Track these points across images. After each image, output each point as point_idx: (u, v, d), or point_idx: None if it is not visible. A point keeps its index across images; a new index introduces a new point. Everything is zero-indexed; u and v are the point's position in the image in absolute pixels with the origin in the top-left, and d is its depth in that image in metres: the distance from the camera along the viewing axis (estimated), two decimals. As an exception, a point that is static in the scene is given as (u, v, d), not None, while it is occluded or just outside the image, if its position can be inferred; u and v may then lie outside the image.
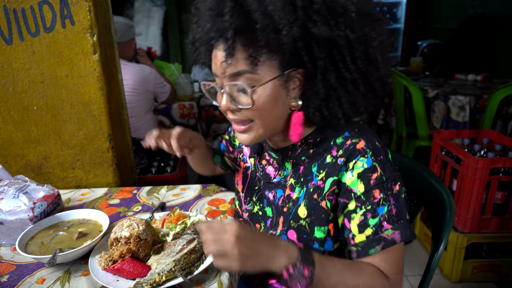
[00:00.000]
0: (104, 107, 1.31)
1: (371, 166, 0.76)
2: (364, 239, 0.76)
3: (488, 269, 2.07)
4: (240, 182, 1.05)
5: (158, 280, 0.78)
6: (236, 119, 0.80)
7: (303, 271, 0.69)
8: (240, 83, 0.75)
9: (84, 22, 1.21)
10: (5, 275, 0.86)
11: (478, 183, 1.89)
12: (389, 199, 0.76)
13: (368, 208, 0.76)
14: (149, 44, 4.69)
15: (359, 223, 0.77)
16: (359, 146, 0.78)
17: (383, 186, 0.75)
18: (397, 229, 0.75)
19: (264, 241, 0.70)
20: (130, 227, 0.90)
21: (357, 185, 0.77)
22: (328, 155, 0.82)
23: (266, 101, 0.76)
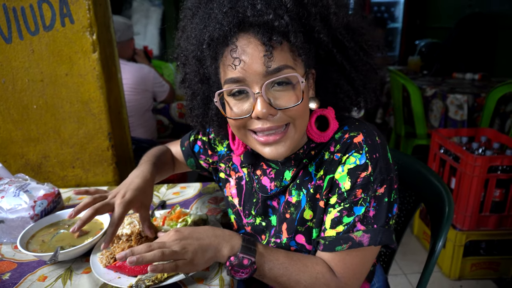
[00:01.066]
0: (104, 105, 1.31)
1: (363, 163, 0.73)
2: (333, 235, 0.75)
3: (487, 266, 2.09)
4: (235, 195, 0.96)
5: (159, 277, 0.78)
6: (272, 127, 0.71)
7: (242, 260, 0.72)
8: (290, 75, 0.68)
9: (84, 20, 1.21)
10: (7, 272, 0.86)
11: (477, 181, 1.90)
12: (370, 200, 0.73)
13: (346, 206, 0.74)
14: (147, 43, 4.69)
15: (333, 219, 0.76)
16: (356, 140, 0.75)
17: (368, 187, 0.73)
18: (368, 232, 0.73)
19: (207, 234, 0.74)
20: (131, 224, 0.90)
21: (344, 181, 0.75)
22: (326, 152, 0.79)
23: (306, 98, 0.72)
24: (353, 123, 0.79)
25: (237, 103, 0.72)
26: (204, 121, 0.87)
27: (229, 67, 0.69)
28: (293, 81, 0.69)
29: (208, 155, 1.04)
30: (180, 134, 2.92)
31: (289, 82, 0.69)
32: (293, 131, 0.73)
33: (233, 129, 0.78)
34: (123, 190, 0.87)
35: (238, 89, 0.70)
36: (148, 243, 0.71)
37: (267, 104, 0.68)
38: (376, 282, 0.97)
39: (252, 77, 0.68)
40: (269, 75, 0.67)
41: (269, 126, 0.71)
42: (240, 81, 0.69)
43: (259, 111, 0.68)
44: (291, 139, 0.74)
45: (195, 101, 0.85)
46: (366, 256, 0.76)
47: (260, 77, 0.67)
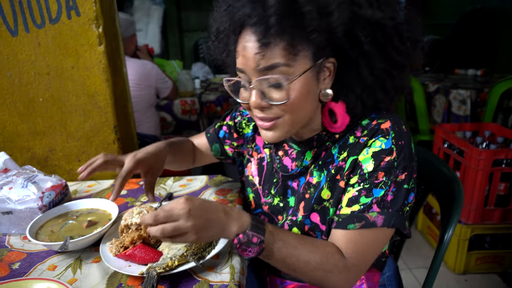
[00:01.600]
0: (110, 98, 1.31)
1: (388, 148, 0.74)
2: (348, 213, 0.76)
3: (492, 260, 2.09)
4: (255, 174, 1.00)
5: (170, 264, 0.78)
6: (264, 117, 0.75)
7: (252, 238, 0.71)
8: (276, 77, 0.69)
9: (90, 13, 1.21)
10: (17, 262, 0.86)
11: (481, 175, 1.90)
12: (390, 184, 0.74)
13: (365, 187, 0.75)
14: (148, 42, 4.69)
15: (351, 197, 0.77)
16: (383, 126, 0.76)
17: (390, 171, 0.74)
18: (383, 214, 0.74)
19: (215, 210, 0.72)
20: (140, 213, 0.90)
21: (367, 163, 0.76)
22: (351, 136, 0.80)
23: (300, 95, 0.71)
24: (380, 112, 0.80)
25: (243, 90, 0.78)
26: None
27: (237, 55, 0.75)
28: (282, 81, 0.70)
29: (233, 139, 1.09)
30: (183, 131, 2.92)
31: (277, 83, 0.71)
32: (284, 123, 0.76)
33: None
34: (134, 152, 0.96)
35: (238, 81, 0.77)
36: (155, 212, 0.70)
37: (259, 97, 0.73)
38: (387, 271, 0.98)
39: (249, 70, 0.72)
40: (261, 71, 0.70)
41: (262, 116, 0.75)
42: (242, 71, 0.74)
43: (252, 102, 0.73)
44: (282, 129, 0.77)
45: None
46: (377, 239, 0.76)
47: (254, 72, 0.71)
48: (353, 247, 0.75)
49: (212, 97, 2.90)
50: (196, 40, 5.07)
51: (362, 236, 0.75)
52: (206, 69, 3.89)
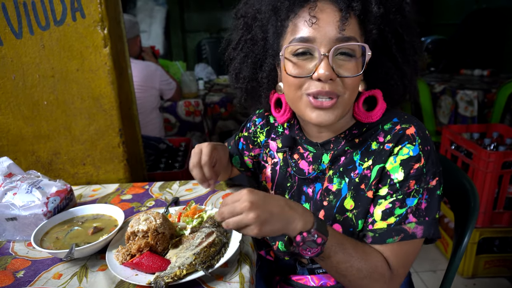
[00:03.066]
0: (115, 101, 1.29)
1: (416, 154, 0.73)
2: (384, 227, 0.75)
3: (501, 264, 2.05)
4: (268, 180, 0.99)
5: (178, 274, 0.76)
6: (327, 91, 0.72)
7: (316, 238, 0.68)
8: (354, 45, 0.71)
9: (95, 14, 1.19)
10: (21, 270, 0.85)
11: (490, 177, 1.87)
12: (423, 192, 0.73)
13: (399, 198, 0.74)
14: (151, 43, 4.68)
15: (385, 210, 0.75)
16: (409, 132, 0.75)
17: (421, 178, 0.73)
18: (421, 224, 0.73)
19: (279, 204, 0.69)
20: (147, 220, 0.88)
21: (396, 172, 0.74)
22: (374, 142, 0.79)
23: (360, 74, 0.74)
24: (401, 115, 0.79)
25: (300, 63, 0.74)
26: (249, 84, 0.88)
27: (303, 24, 0.71)
28: (357, 54, 0.72)
29: (250, 149, 1.08)
30: (187, 132, 2.91)
31: (353, 54, 0.72)
32: (342, 102, 0.74)
33: (289, 89, 0.78)
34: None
35: (304, 49, 0.72)
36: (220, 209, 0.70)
37: (330, 68, 0.70)
38: None
39: (323, 38, 0.70)
40: (339, 41, 0.70)
41: (327, 90, 0.72)
42: (309, 41, 0.71)
43: (322, 73, 0.70)
44: (339, 109, 0.75)
45: (245, 64, 0.87)
46: (415, 248, 0.75)
47: (331, 40, 0.70)
48: (395, 259, 0.75)
49: (216, 98, 2.89)
50: (199, 41, 5.06)
51: (401, 247, 0.74)
52: (209, 70, 3.87)
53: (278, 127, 1.01)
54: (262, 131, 1.05)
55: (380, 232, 0.75)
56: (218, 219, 0.71)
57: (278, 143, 0.98)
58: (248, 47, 0.85)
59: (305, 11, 0.71)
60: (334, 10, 0.69)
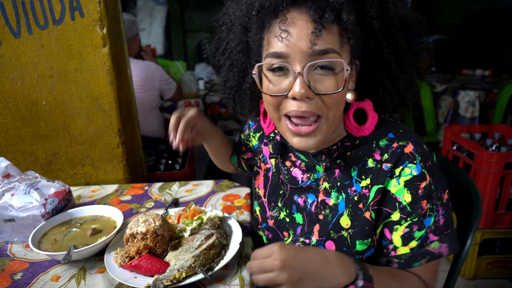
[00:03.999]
0: (114, 101, 1.28)
1: (420, 173, 0.70)
2: (407, 252, 0.73)
3: (502, 265, 2.04)
4: (261, 186, 0.97)
5: (178, 277, 0.75)
6: (306, 112, 0.67)
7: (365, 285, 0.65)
8: (332, 60, 0.64)
9: (94, 14, 1.18)
10: (19, 272, 0.84)
11: (492, 178, 1.85)
12: (438, 209, 0.71)
13: (414, 220, 0.71)
14: (151, 42, 4.67)
15: (403, 235, 0.72)
16: (407, 150, 0.71)
17: (431, 196, 0.70)
18: (444, 241, 0.72)
19: (313, 259, 0.65)
20: (146, 222, 0.87)
21: (403, 194, 0.71)
22: (370, 159, 0.75)
23: (345, 89, 0.67)
24: (396, 130, 0.75)
25: (276, 80, 0.68)
26: (236, 94, 0.85)
27: (274, 39, 0.66)
28: (336, 68, 0.65)
29: (243, 152, 1.07)
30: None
31: (332, 68, 0.65)
32: (325, 124, 0.69)
33: (267, 108, 0.74)
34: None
35: (278, 65, 0.67)
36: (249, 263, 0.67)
37: (306, 86, 0.65)
38: None
39: (296, 54, 0.64)
40: (313, 55, 0.64)
41: (304, 110, 0.66)
42: (282, 57, 0.66)
43: (297, 91, 0.64)
44: (322, 133, 0.70)
45: (231, 72, 0.83)
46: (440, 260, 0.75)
47: (304, 56, 0.64)
48: (426, 276, 0.74)
49: (217, 99, 2.87)
50: (199, 41, 5.05)
51: (430, 267, 0.74)
52: (210, 70, 3.86)
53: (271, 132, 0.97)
54: (254, 135, 1.03)
55: (405, 258, 0.73)
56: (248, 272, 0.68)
57: (270, 148, 0.96)
58: (234, 54, 0.80)
59: (277, 23, 0.65)
60: (307, 21, 0.63)
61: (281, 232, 0.89)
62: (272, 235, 0.91)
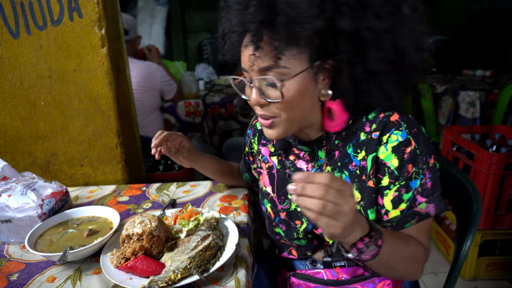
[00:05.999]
0: (113, 102, 1.28)
1: (405, 139, 0.76)
2: (398, 214, 0.77)
3: (502, 266, 2.03)
4: (267, 184, 1.00)
5: (173, 278, 0.74)
6: (263, 114, 0.79)
7: (377, 241, 0.66)
8: (269, 77, 0.73)
9: (92, 14, 1.18)
10: (15, 273, 0.84)
11: (492, 179, 1.85)
12: (424, 172, 0.76)
13: (402, 184, 0.76)
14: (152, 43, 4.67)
15: (393, 199, 0.77)
16: (393, 119, 0.77)
17: (417, 160, 0.75)
18: (431, 202, 0.76)
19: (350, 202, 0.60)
20: (142, 223, 0.87)
21: (391, 159, 0.77)
22: (362, 133, 0.81)
23: (295, 94, 0.74)
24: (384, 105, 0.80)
25: (248, 88, 0.80)
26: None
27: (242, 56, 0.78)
28: (275, 81, 0.73)
29: (252, 162, 1.11)
30: (187, 133, 2.89)
31: (271, 83, 0.74)
32: (279, 122, 0.78)
33: None
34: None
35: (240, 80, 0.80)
36: (326, 183, 0.57)
37: (259, 95, 0.76)
38: None
39: (249, 70, 0.76)
40: (258, 72, 0.74)
41: (262, 113, 0.78)
42: (246, 71, 0.78)
43: (252, 99, 0.78)
44: (280, 127, 0.79)
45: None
46: (431, 222, 0.80)
47: (253, 72, 0.76)
48: (420, 237, 0.77)
49: (217, 99, 2.87)
50: (200, 41, 5.05)
51: (422, 226, 0.78)
52: (210, 70, 3.86)
53: None
54: (254, 140, 1.07)
55: (396, 221, 0.77)
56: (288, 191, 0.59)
57: (269, 147, 1.00)
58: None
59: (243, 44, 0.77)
60: (250, 43, 0.73)
61: (293, 222, 0.93)
62: (285, 227, 0.95)
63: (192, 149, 1.07)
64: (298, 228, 0.91)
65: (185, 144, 1.06)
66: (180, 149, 1.04)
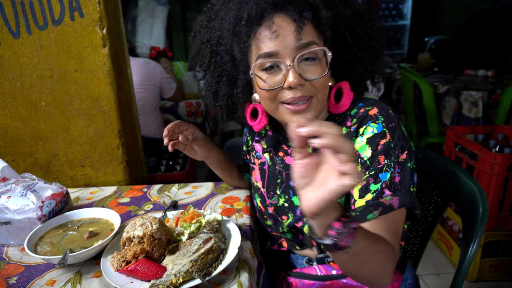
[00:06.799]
0: (114, 102, 1.27)
1: (381, 131, 0.77)
2: (363, 204, 0.76)
3: (506, 267, 2.02)
4: (258, 179, 1.03)
5: (174, 282, 0.73)
6: (302, 96, 0.78)
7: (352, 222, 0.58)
8: (316, 49, 0.76)
9: (94, 14, 1.17)
10: (14, 276, 0.82)
11: (496, 179, 1.83)
12: (394, 166, 0.76)
13: (371, 174, 0.76)
14: (153, 43, 4.66)
15: (361, 188, 0.77)
16: (371, 112, 0.80)
17: (389, 153, 0.76)
18: (396, 195, 0.75)
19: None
20: (143, 226, 0.85)
21: (365, 150, 0.78)
22: (343, 128, 0.84)
23: (327, 72, 0.79)
24: (367, 100, 0.85)
25: (269, 77, 0.80)
26: (229, 100, 0.93)
27: (264, 42, 0.77)
28: (319, 56, 0.78)
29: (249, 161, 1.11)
30: (188, 133, 2.88)
31: (316, 58, 0.77)
32: (316, 102, 0.81)
33: (264, 102, 0.85)
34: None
35: (271, 64, 0.78)
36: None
37: (298, 75, 0.76)
38: (408, 277, 0.97)
39: (285, 50, 0.76)
40: (299, 49, 0.76)
41: (299, 95, 0.78)
42: (273, 55, 0.77)
43: (291, 81, 0.76)
44: (315, 108, 0.81)
45: (221, 82, 0.91)
46: (400, 219, 0.76)
47: (292, 50, 0.76)
48: (387, 234, 0.73)
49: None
50: (201, 41, 5.04)
51: (388, 222, 0.75)
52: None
53: (262, 130, 1.04)
54: (249, 137, 1.10)
55: (360, 210, 0.76)
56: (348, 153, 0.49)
57: (263, 144, 1.03)
58: (219, 67, 0.89)
59: (264, 28, 0.77)
60: (289, 21, 0.75)
61: (280, 217, 0.96)
62: (273, 221, 0.98)
63: (206, 140, 1.07)
64: (284, 222, 0.94)
65: (197, 134, 1.06)
66: (196, 137, 1.04)
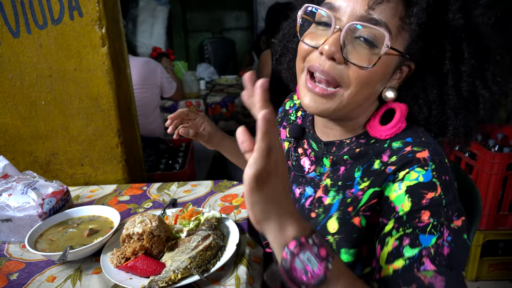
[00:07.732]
0: (113, 101, 1.27)
1: (429, 181, 0.58)
2: (390, 273, 0.56)
3: (505, 267, 2.02)
4: None
5: (173, 278, 0.74)
6: (328, 74, 0.62)
7: (319, 249, 0.46)
8: (380, 31, 0.58)
9: (93, 13, 1.18)
10: (15, 273, 0.83)
11: (495, 179, 1.84)
12: (443, 230, 0.55)
13: (407, 232, 0.56)
14: (153, 43, 4.67)
15: (391, 251, 0.57)
16: (420, 155, 0.61)
17: (439, 211, 0.56)
18: (442, 274, 0.52)
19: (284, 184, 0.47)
20: (142, 223, 0.86)
21: (402, 202, 0.59)
22: (377, 160, 0.66)
23: (380, 72, 0.62)
24: (418, 136, 0.66)
25: (317, 34, 0.65)
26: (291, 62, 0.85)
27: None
28: (377, 43, 0.60)
29: None
30: (188, 132, 2.89)
31: (374, 42, 0.60)
32: (342, 97, 0.64)
33: (298, 57, 0.70)
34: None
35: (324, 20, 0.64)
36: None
37: (339, 45, 0.61)
38: None
39: (346, 11, 0.61)
40: (361, 20, 0.60)
41: (325, 69, 0.62)
42: (333, 9, 0.63)
43: (326, 48, 0.61)
44: (335, 103, 0.65)
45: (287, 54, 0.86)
46: None
47: (353, 15, 0.61)
48: None
49: (218, 99, 2.87)
50: (201, 41, 5.05)
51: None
52: (211, 70, 3.86)
53: (291, 115, 0.95)
54: (279, 119, 1.00)
55: (386, 281, 0.56)
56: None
57: (287, 132, 0.92)
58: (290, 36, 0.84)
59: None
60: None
61: None
62: None
63: (214, 132, 1.02)
64: None
65: (206, 126, 1.00)
66: (201, 132, 0.98)
